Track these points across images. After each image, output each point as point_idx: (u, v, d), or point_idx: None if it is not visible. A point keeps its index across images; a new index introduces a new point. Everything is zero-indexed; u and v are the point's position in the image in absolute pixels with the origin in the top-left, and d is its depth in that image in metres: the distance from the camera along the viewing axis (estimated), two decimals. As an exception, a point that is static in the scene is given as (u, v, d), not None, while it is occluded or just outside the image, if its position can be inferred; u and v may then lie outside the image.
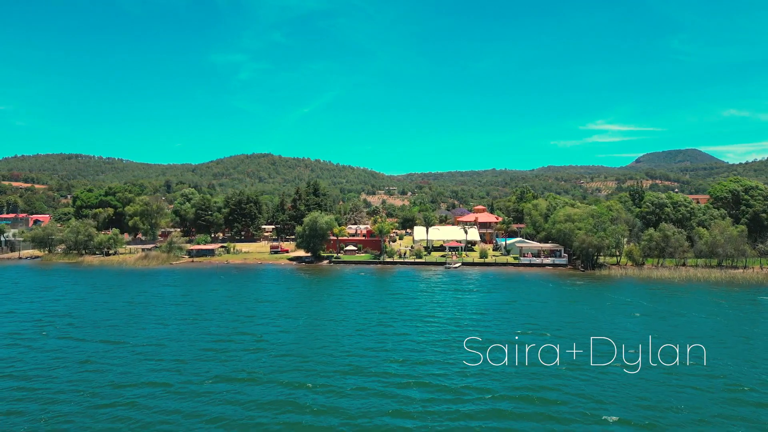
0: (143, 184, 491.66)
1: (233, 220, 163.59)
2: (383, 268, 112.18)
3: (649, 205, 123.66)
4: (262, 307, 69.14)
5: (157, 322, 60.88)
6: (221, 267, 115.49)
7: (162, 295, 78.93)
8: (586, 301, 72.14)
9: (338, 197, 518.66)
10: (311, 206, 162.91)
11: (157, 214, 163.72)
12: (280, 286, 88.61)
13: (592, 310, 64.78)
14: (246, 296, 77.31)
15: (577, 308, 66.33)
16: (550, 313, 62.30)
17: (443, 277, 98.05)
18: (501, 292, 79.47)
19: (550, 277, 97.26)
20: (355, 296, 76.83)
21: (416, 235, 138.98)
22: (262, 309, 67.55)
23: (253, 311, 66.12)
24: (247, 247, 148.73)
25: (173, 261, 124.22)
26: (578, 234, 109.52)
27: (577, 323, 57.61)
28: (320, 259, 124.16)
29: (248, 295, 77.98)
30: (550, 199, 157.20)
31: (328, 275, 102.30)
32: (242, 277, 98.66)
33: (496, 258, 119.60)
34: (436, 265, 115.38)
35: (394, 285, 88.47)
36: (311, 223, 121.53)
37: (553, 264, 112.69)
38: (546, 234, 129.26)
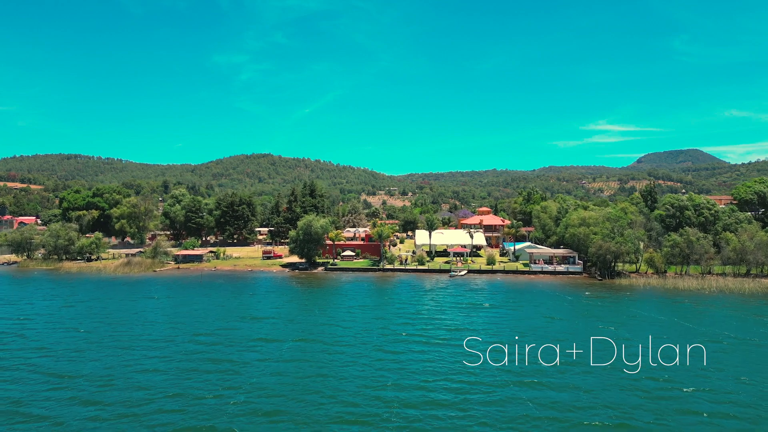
0: (140, 184, 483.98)
1: (225, 223, 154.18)
2: (383, 276, 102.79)
3: (669, 207, 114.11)
4: (244, 327, 59.72)
5: (117, 347, 51.56)
6: (208, 275, 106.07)
7: (132, 311, 69.49)
8: (613, 319, 62.58)
9: (338, 198, 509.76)
10: (308, 208, 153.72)
11: (146, 217, 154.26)
12: (269, 298, 79.17)
13: (627, 333, 55.22)
14: (228, 313, 67.88)
15: (613, 333, 56.80)
16: (580, 340, 52.70)
17: (448, 287, 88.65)
18: (515, 309, 69.94)
19: (565, 287, 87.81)
20: (350, 312, 67.44)
21: (418, 240, 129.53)
22: (243, 330, 58.13)
23: (232, 333, 56.68)
24: (239, 251, 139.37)
25: (157, 268, 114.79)
26: (594, 239, 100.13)
27: (615, 355, 48.16)
28: (315, 265, 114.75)
29: (230, 312, 68.55)
30: (560, 201, 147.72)
31: (322, 285, 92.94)
32: (228, 288, 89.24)
33: (505, 265, 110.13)
34: (439, 272, 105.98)
35: (394, 297, 79.04)
36: (305, 227, 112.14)
37: (567, 272, 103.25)
38: (557, 239, 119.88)
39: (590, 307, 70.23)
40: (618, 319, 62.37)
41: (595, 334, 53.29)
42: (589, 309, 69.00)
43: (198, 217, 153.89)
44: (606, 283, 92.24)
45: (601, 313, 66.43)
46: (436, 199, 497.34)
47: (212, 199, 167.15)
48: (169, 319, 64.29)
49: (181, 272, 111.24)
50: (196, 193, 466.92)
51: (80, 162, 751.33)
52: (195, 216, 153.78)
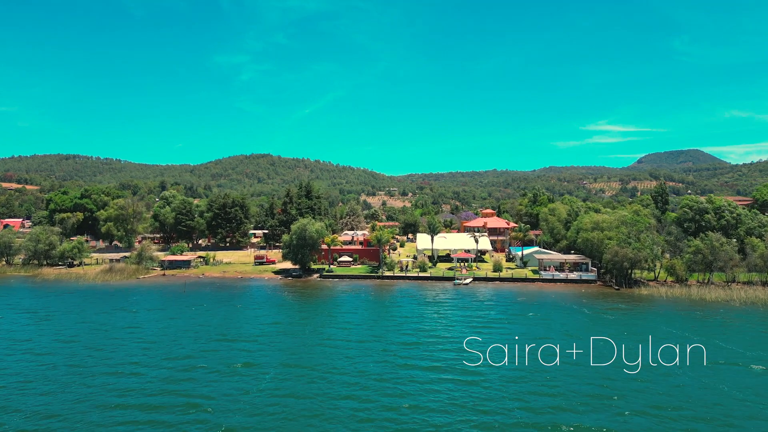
0: (137, 185, 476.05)
1: (217, 226, 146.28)
2: (382, 284, 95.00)
3: (687, 210, 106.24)
4: (223, 349, 51.90)
5: (72, 374, 43.93)
6: (194, 283, 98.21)
7: (102, 328, 61.65)
8: (642, 338, 54.75)
9: (337, 198, 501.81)
10: (303, 210, 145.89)
11: (134, 219, 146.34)
12: (256, 312, 71.33)
13: (669, 362, 47.45)
14: (208, 330, 60.07)
15: (653, 358, 49.01)
16: (620, 381, 44.84)
17: (452, 297, 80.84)
18: (529, 327, 62.08)
19: (581, 297, 79.93)
20: (345, 330, 59.67)
21: (419, 244, 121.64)
22: (222, 352, 50.35)
23: (209, 357, 48.90)
24: (231, 256, 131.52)
25: (141, 275, 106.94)
26: (609, 245, 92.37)
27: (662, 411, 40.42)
28: (310, 272, 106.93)
29: (211, 329, 60.73)
30: (568, 203, 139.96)
31: (316, 295, 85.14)
32: (213, 299, 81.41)
33: (513, 272, 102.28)
34: (442, 280, 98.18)
35: (394, 311, 71.18)
36: (299, 232, 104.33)
37: (580, 279, 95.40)
38: (568, 243, 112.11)
39: (614, 325, 62.35)
40: (651, 338, 54.48)
41: (630, 369, 45.40)
42: (614, 328, 61.12)
43: (189, 220, 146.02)
44: (623, 293, 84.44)
45: (629, 333, 58.52)
46: (436, 200, 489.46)
47: (203, 201, 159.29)
48: (140, 339, 56.49)
49: (167, 279, 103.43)
50: (193, 193, 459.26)
51: (78, 162, 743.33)
52: (185, 218, 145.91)
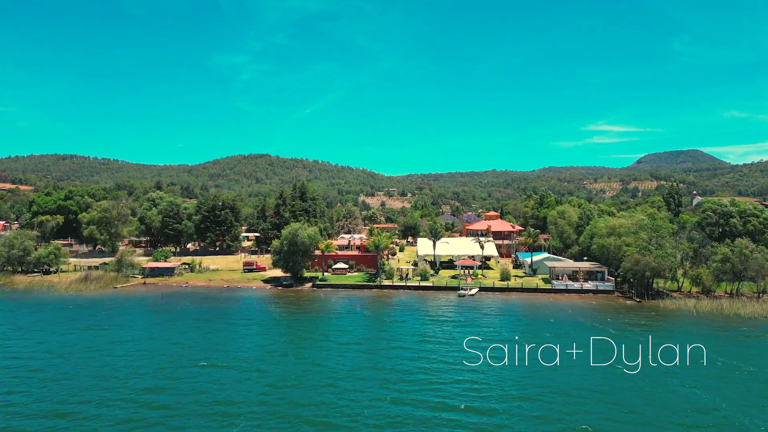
0: (133, 185, 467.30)
1: (206, 229, 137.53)
2: (380, 295, 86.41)
3: (710, 214, 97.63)
4: (191, 381, 43.27)
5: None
6: (174, 294, 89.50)
7: (56, 351, 52.91)
8: (717, 381, 46.13)
9: (336, 199, 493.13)
10: (297, 213, 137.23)
11: (119, 222, 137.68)
12: (238, 331, 62.67)
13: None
14: (179, 354, 51.39)
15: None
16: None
17: (457, 311, 72.20)
18: (546, 354, 53.44)
19: (601, 312, 71.32)
20: (337, 354, 51.09)
21: (420, 249, 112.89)
22: (187, 384, 41.74)
23: (173, 391, 40.33)
24: (220, 261, 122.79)
25: (119, 284, 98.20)
26: (628, 252, 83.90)
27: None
28: (302, 281, 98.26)
29: (182, 352, 52.06)
30: (580, 206, 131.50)
31: (307, 308, 76.50)
32: (192, 314, 72.70)
33: (522, 281, 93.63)
34: (446, 290, 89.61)
35: (393, 329, 62.51)
36: (291, 237, 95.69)
37: (596, 290, 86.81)
38: (581, 249, 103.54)
39: (664, 356, 53.67)
40: (714, 379, 45.87)
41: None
42: (666, 358, 52.43)
43: (176, 223, 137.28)
44: (647, 307, 75.89)
45: (694, 373, 49.86)
46: (435, 200, 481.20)
47: (192, 203, 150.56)
48: (96, 365, 47.88)
49: (147, 289, 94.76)
50: (189, 194, 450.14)
51: (76, 162, 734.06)
52: (173, 221, 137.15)
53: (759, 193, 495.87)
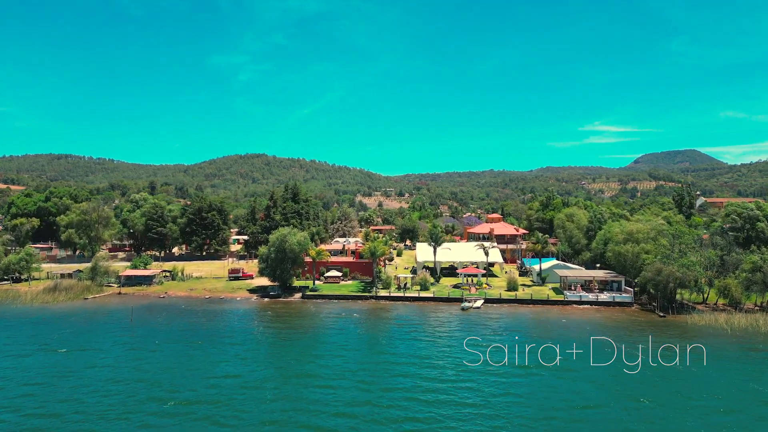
0: (127, 185, 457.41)
1: (192, 233, 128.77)
2: (376, 308, 77.92)
3: (736, 218, 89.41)
4: (139, 428, 34.82)
5: None
6: (148, 307, 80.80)
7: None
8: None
9: (333, 199, 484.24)
10: (289, 215, 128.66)
11: (100, 225, 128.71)
12: (211, 354, 54.09)
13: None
14: (132, 388, 42.84)
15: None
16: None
17: (460, 328, 63.75)
18: (568, 396, 45.10)
19: (623, 328, 63.03)
20: (325, 387, 42.66)
21: (419, 255, 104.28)
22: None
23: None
24: (204, 268, 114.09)
25: (92, 294, 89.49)
26: (648, 260, 75.68)
27: None
28: (291, 290, 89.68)
29: (138, 385, 43.50)
30: (585, 207, 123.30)
31: (295, 325, 67.96)
32: (164, 331, 64.09)
33: (532, 292, 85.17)
34: (448, 302, 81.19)
35: (389, 353, 54.02)
36: (278, 243, 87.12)
37: (614, 302, 78.45)
38: (592, 256, 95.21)
39: (703, 397, 45.41)
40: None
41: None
42: (709, 408, 44.17)
43: (160, 226, 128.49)
44: (672, 322, 67.62)
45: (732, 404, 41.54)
46: (434, 201, 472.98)
47: (177, 205, 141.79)
48: (33, 403, 39.33)
49: (121, 300, 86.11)
50: (183, 194, 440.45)
51: (70, 162, 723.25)
52: (156, 224, 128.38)
53: (759, 194, 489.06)
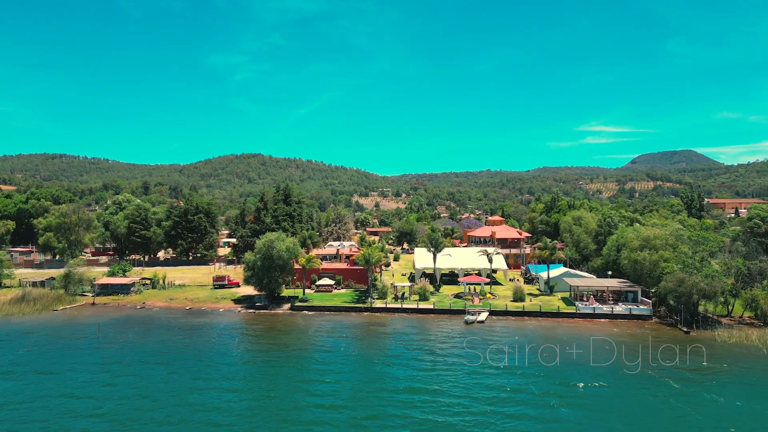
0: (120, 185, 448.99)
1: (177, 236, 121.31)
2: (371, 322, 70.78)
3: (759, 222, 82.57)
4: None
5: None
6: (121, 320, 73.41)
7: None
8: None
9: (329, 199, 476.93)
10: (280, 218, 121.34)
11: (80, 228, 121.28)
12: (182, 382, 46.85)
13: None
14: (79, 426, 35.68)
15: None
16: None
17: (462, 346, 56.62)
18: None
19: (646, 347, 56.02)
20: (312, 423, 35.56)
21: (418, 262, 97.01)
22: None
23: None
24: (189, 274, 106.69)
25: (63, 305, 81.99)
26: (668, 269, 68.76)
27: None
28: (279, 301, 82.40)
29: (86, 424, 36.28)
30: (591, 210, 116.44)
31: (280, 344, 60.74)
32: (132, 350, 56.79)
33: (540, 302, 78.04)
34: (449, 314, 74.13)
35: (385, 379, 46.95)
36: (265, 250, 79.86)
37: (630, 315, 71.43)
38: (604, 263, 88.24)
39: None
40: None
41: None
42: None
43: (144, 229, 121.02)
44: (700, 339, 60.67)
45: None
46: (431, 201, 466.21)
47: (162, 207, 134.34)
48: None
49: (94, 312, 78.74)
50: (177, 194, 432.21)
51: (65, 162, 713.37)
52: (140, 228, 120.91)
53: (758, 194, 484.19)
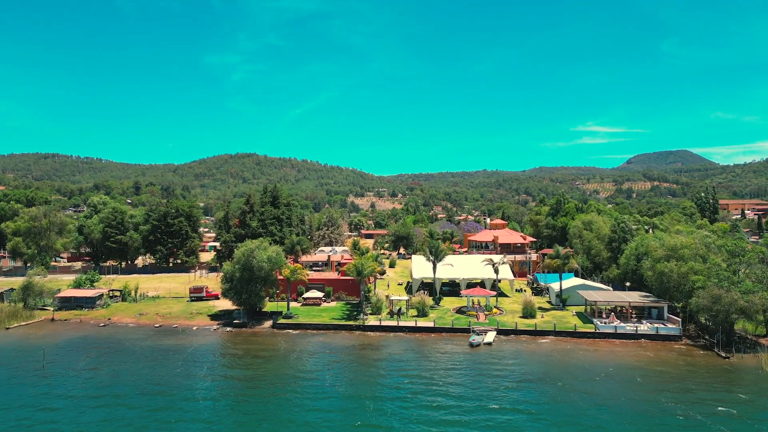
0: (111, 185, 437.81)
1: (156, 242, 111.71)
2: (363, 344, 61.61)
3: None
4: None
5: None
6: (78, 341, 63.95)
7: None
8: None
9: (324, 200, 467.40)
10: (267, 222, 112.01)
11: (52, 233, 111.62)
12: (131, 426, 37.68)
13: None
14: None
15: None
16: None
17: (470, 379, 47.59)
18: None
19: (680, 376, 47.14)
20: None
21: (416, 271, 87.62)
22: None
23: None
24: (166, 283, 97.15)
25: (19, 321, 72.37)
26: (700, 282, 59.97)
27: None
28: (261, 317, 73.04)
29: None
30: (605, 214, 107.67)
31: (257, 375, 51.44)
32: (76, 386, 47.46)
33: (554, 319, 68.91)
34: (452, 333, 65.07)
35: (378, 427, 37.97)
36: (245, 260, 70.55)
37: (657, 335, 62.49)
38: (622, 273, 79.36)
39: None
40: None
41: None
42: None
43: (119, 234, 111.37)
44: (742, 367, 51.86)
45: None
46: (427, 201, 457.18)
47: (140, 211, 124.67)
48: None
49: (52, 330, 69.21)
50: (169, 195, 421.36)
51: (57, 162, 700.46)
52: (115, 232, 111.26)
53: (755, 194, 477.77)
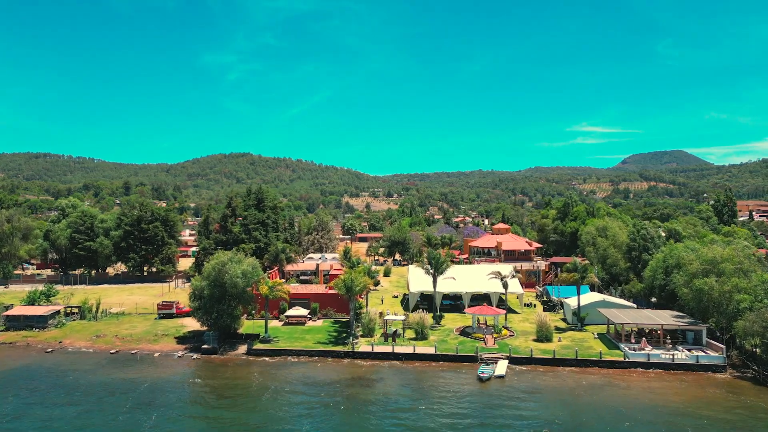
0: (100, 185, 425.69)
1: (128, 249, 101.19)
2: (352, 376, 51.52)
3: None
4: None
5: None
6: (15, 373, 53.56)
7: None
8: None
9: (318, 200, 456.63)
10: (251, 226, 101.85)
11: (16, 239, 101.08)
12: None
13: None
14: None
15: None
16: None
17: (478, 424, 37.68)
18: None
19: (734, 422, 37.40)
20: None
21: (413, 284, 77.33)
22: None
23: None
24: (135, 297, 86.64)
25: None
26: (747, 302, 50.42)
27: None
28: (234, 340, 62.78)
29: None
30: (616, 217, 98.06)
31: (219, 420, 41.20)
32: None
33: (574, 343, 58.87)
34: (456, 362, 55.07)
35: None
36: (215, 275, 60.33)
37: (697, 365, 52.68)
38: (646, 288, 69.55)
39: None
40: None
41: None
42: None
43: (88, 240, 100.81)
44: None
45: None
46: (423, 202, 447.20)
47: (112, 215, 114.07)
48: None
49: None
50: (160, 195, 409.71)
51: (48, 161, 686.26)
52: (84, 238, 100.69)
53: (753, 195, 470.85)
